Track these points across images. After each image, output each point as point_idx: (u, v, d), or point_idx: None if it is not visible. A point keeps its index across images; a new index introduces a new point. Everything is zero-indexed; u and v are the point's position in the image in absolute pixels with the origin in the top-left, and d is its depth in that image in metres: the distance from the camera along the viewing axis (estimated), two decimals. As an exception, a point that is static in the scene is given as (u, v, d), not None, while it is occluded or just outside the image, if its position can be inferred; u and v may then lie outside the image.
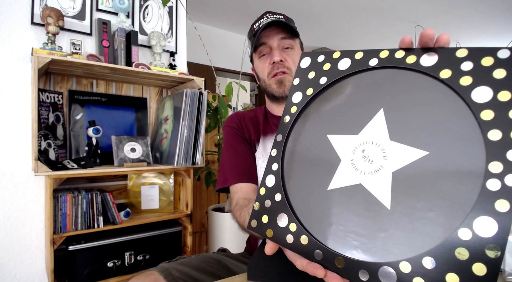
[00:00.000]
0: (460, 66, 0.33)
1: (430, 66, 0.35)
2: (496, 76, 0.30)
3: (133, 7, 1.75)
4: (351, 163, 0.37)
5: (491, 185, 0.28)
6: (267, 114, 0.95)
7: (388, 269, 0.31)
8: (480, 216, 0.28)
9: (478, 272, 0.27)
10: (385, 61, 0.38)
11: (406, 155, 0.33)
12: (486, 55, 0.31)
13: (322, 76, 0.43)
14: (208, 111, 1.92)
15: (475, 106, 0.31)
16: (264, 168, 0.84)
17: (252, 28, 0.87)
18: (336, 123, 0.40)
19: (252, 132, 0.90)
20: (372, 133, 0.36)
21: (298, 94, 0.45)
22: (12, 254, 1.37)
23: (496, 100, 0.30)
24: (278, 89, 0.85)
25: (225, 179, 0.85)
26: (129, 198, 1.65)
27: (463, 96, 0.32)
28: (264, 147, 0.87)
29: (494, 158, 0.29)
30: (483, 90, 0.31)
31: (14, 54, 1.40)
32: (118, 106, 1.66)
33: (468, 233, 0.28)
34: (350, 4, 3.18)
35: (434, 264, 0.29)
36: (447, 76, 0.33)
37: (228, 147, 0.90)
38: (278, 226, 0.39)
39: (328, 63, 0.43)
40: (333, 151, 0.39)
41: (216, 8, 3.29)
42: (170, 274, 0.67)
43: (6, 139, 1.37)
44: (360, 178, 0.36)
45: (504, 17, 3.45)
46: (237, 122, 0.92)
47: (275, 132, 0.88)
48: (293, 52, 0.86)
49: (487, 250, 0.27)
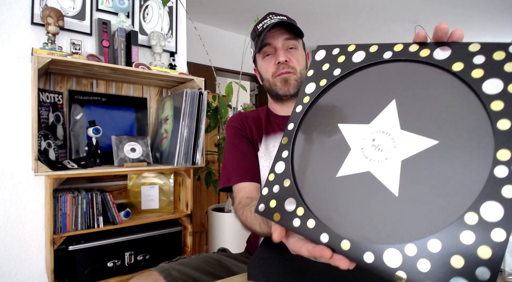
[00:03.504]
0: (473, 60, 0.34)
1: (443, 59, 0.36)
2: (507, 70, 0.31)
3: (133, 7, 1.75)
4: (361, 151, 0.38)
5: (498, 172, 0.29)
6: (270, 114, 0.95)
7: (394, 251, 0.31)
8: (487, 201, 0.29)
9: (483, 255, 0.27)
10: (399, 54, 0.39)
11: (416, 144, 0.34)
12: (498, 50, 0.32)
13: (336, 68, 0.44)
14: (208, 111, 1.92)
15: (485, 97, 0.32)
16: (266, 166, 0.85)
17: (255, 28, 0.87)
18: (348, 113, 0.41)
19: (255, 131, 0.90)
20: (383, 122, 0.37)
21: (312, 85, 0.46)
22: (12, 254, 1.37)
23: (506, 92, 0.31)
24: (283, 87, 0.86)
25: (228, 179, 0.85)
26: (129, 198, 1.65)
27: (474, 87, 0.33)
28: (266, 146, 0.88)
29: (503, 146, 0.29)
30: (494, 82, 0.32)
31: (14, 54, 1.40)
32: (118, 106, 1.66)
33: (474, 218, 0.29)
34: (350, 4, 3.18)
35: (440, 247, 0.30)
36: (459, 69, 0.34)
37: (231, 147, 0.90)
38: (285, 210, 0.40)
39: (343, 56, 0.44)
40: (344, 140, 0.40)
41: (216, 8, 3.29)
42: (170, 275, 0.67)
43: (6, 139, 1.37)
44: (369, 166, 0.36)
45: (504, 17, 3.45)
46: (240, 122, 0.93)
47: (277, 132, 0.89)
48: (297, 53, 0.86)
49: (493, 233, 0.28)
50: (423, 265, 0.30)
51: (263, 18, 0.87)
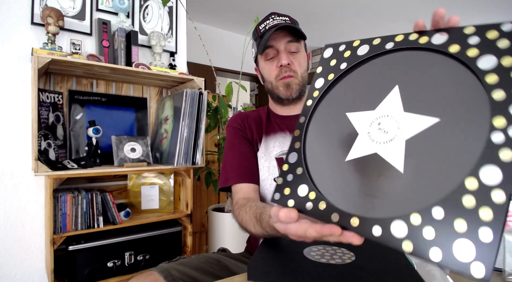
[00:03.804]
0: (468, 41, 0.36)
1: (440, 43, 0.38)
2: (500, 46, 0.34)
3: (133, 7, 1.75)
4: (367, 135, 0.41)
5: (495, 137, 0.31)
6: (270, 114, 0.95)
7: (400, 222, 0.33)
8: (486, 166, 0.30)
9: (485, 218, 0.29)
10: (400, 44, 0.42)
11: (419, 124, 0.37)
12: (491, 29, 0.35)
13: (342, 62, 0.48)
14: (208, 111, 1.92)
15: (481, 73, 0.34)
16: (266, 167, 0.85)
17: (258, 29, 0.87)
18: (355, 102, 0.44)
19: (255, 132, 0.90)
20: (387, 107, 0.40)
21: (320, 80, 0.49)
22: (12, 254, 1.37)
23: (500, 66, 0.33)
24: (285, 92, 0.86)
25: (226, 179, 0.86)
26: (129, 198, 1.65)
27: (470, 65, 0.35)
28: (266, 147, 0.88)
29: (498, 114, 0.32)
30: (488, 58, 0.34)
31: (14, 54, 1.40)
32: (118, 106, 1.66)
33: (474, 182, 0.31)
34: (350, 4, 3.18)
35: (443, 214, 0.31)
36: (456, 50, 0.37)
37: (231, 147, 0.90)
38: (298, 196, 0.43)
39: (349, 51, 0.48)
40: (351, 127, 0.43)
41: (216, 8, 3.29)
42: (170, 275, 0.67)
43: (6, 139, 1.37)
44: (376, 147, 0.39)
45: (504, 17, 3.45)
46: (240, 122, 0.93)
47: (277, 132, 0.89)
48: (299, 56, 0.87)
49: (493, 195, 0.29)
50: (428, 233, 0.31)
51: (266, 18, 0.87)
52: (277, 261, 0.54)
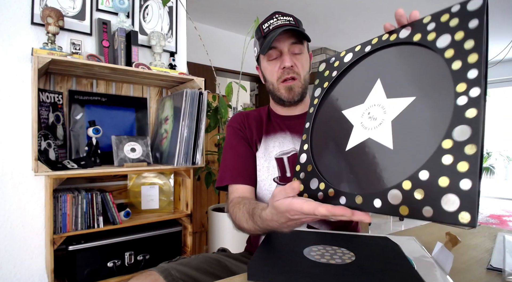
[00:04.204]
0: (427, 28, 0.44)
1: (406, 36, 0.46)
2: (451, 25, 0.41)
3: (133, 7, 1.75)
4: (361, 125, 0.47)
5: (460, 101, 0.37)
6: (271, 113, 0.95)
7: (394, 191, 0.39)
8: (457, 127, 0.36)
9: (462, 169, 0.34)
10: (376, 45, 0.51)
11: (400, 105, 0.43)
12: (443, 13, 0.42)
13: (333, 71, 0.57)
14: (208, 111, 1.92)
15: (440, 50, 0.41)
16: (266, 167, 0.86)
17: (261, 28, 0.87)
18: (347, 101, 0.52)
19: (255, 132, 0.91)
20: (374, 98, 0.47)
21: (318, 89, 0.59)
22: (12, 254, 1.37)
23: (453, 41, 0.40)
24: (288, 95, 0.86)
25: (222, 178, 0.87)
26: (129, 198, 1.65)
27: (431, 47, 0.42)
28: (266, 147, 0.88)
29: (459, 81, 0.38)
30: (444, 37, 0.41)
31: (14, 54, 1.40)
32: (118, 106, 1.66)
33: (449, 142, 0.36)
34: (350, 4, 3.18)
35: (428, 174, 0.36)
36: (419, 38, 0.44)
37: (229, 147, 0.91)
38: (311, 189, 0.50)
39: (337, 61, 0.57)
40: (348, 122, 0.50)
41: (216, 8, 3.29)
42: (170, 274, 0.67)
43: (6, 139, 1.37)
44: (368, 133, 0.45)
45: (504, 17, 3.45)
46: (240, 122, 0.93)
47: (277, 131, 0.89)
48: (302, 57, 0.86)
49: (466, 149, 0.34)
50: (418, 194, 0.36)
51: (269, 17, 0.86)
52: (277, 261, 0.54)
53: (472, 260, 0.64)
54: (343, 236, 0.69)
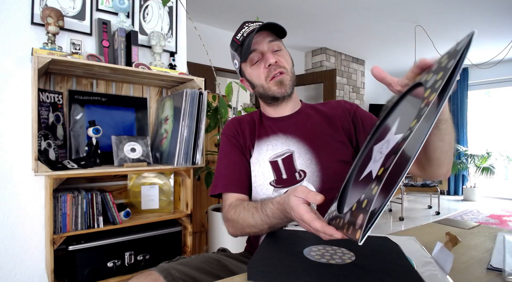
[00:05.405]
0: (431, 69, 0.48)
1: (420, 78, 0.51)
2: (442, 65, 0.43)
3: (133, 7, 1.75)
4: (373, 158, 0.50)
5: (423, 105, 0.41)
6: (262, 117, 0.95)
7: None
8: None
9: None
10: (399, 96, 0.56)
11: (396, 138, 0.46)
12: (443, 56, 0.46)
13: (386, 106, 0.60)
14: (208, 111, 1.92)
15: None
16: (260, 172, 0.86)
17: (235, 39, 0.87)
18: (380, 135, 0.55)
19: (248, 137, 0.91)
20: (389, 135, 0.50)
21: (378, 122, 0.63)
22: (12, 254, 1.37)
23: (435, 81, 0.42)
24: (279, 89, 0.86)
25: (215, 186, 0.87)
26: (129, 198, 1.65)
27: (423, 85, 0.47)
28: (259, 151, 0.88)
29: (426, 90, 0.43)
30: (433, 77, 0.44)
31: (14, 54, 1.40)
32: (118, 106, 1.66)
33: None
34: (350, 4, 3.18)
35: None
36: (420, 79, 0.49)
37: (222, 155, 0.91)
38: (329, 207, 0.57)
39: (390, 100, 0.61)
40: (370, 155, 0.54)
41: (216, 8, 3.29)
42: (170, 274, 0.67)
43: (6, 139, 1.37)
44: (371, 166, 0.48)
45: (504, 17, 3.45)
46: (233, 129, 0.93)
47: (270, 134, 0.89)
48: (283, 53, 0.87)
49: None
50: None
51: (240, 28, 0.87)
52: (277, 261, 0.54)
53: (472, 260, 0.64)
54: (343, 236, 0.69)
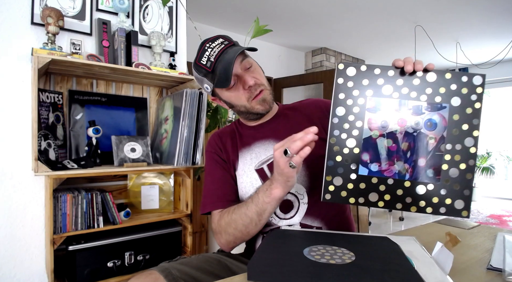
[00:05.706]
0: None
1: None
2: None
3: (133, 7, 1.75)
4: None
5: None
6: (242, 127, 0.95)
7: None
8: None
9: None
10: None
11: None
12: None
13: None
14: (208, 111, 1.92)
15: None
16: (249, 182, 0.86)
17: (201, 65, 0.82)
18: None
19: (231, 151, 0.91)
20: None
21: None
22: (12, 254, 1.37)
23: None
24: (263, 107, 0.85)
25: (204, 205, 0.88)
26: (129, 198, 1.65)
27: None
28: (244, 162, 0.88)
29: None
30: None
31: (14, 54, 1.40)
32: (118, 106, 1.66)
33: None
34: (350, 4, 3.18)
35: None
36: None
37: (207, 173, 0.92)
38: None
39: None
40: None
41: (216, 8, 3.29)
42: (170, 274, 0.67)
43: (6, 139, 1.37)
44: None
45: (504, 17, 3.45)
46: (215, 145, 0.94)
47: (251, 143, 0.89)
48: (255, 68, 0.86)
49: None
50: None
51: (201, 51, 0.81)
52: (277, 261, 0.54)
53: (472, 260, 0.64)
54: (343, 236, 0.69)
